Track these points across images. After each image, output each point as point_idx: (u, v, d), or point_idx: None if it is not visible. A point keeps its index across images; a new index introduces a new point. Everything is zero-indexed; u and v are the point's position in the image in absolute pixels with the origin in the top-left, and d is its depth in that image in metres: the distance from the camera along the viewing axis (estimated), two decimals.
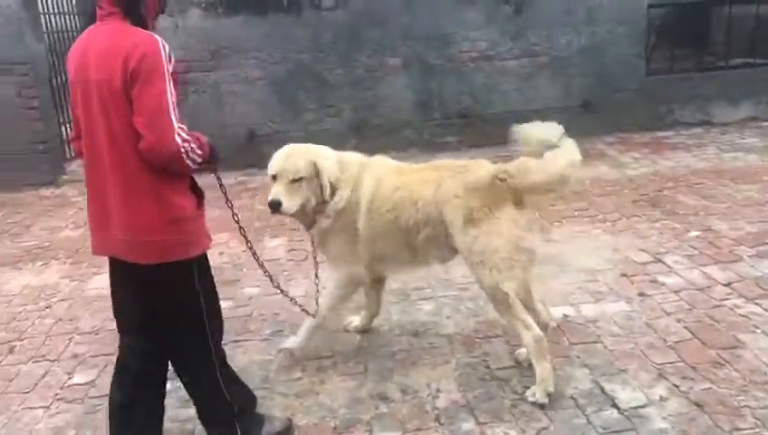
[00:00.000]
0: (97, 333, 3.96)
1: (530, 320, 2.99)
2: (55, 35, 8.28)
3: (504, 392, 3.10)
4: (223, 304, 4.12)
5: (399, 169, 3.41)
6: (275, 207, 3.16)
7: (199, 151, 2.43)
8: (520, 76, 7.67)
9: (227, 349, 3.59)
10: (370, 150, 7.40)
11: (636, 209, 5.38)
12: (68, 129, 8.20)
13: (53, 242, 5.57)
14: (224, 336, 2.82)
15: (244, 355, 3.60)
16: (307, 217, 3.32)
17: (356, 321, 3.79)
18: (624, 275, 4.23)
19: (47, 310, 4.30)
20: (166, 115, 2.32)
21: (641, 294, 3.95)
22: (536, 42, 7.61)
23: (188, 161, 2.39)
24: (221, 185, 2.83)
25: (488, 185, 3.02)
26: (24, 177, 7.05)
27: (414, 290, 4.22)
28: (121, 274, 2.61)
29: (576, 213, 5.37)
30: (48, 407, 3.27)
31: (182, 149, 2.34)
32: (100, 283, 4.49)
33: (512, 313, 2.99)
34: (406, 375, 3.31)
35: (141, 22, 2.44)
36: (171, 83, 2.37)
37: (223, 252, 5.03)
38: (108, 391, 3.26)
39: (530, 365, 3.10)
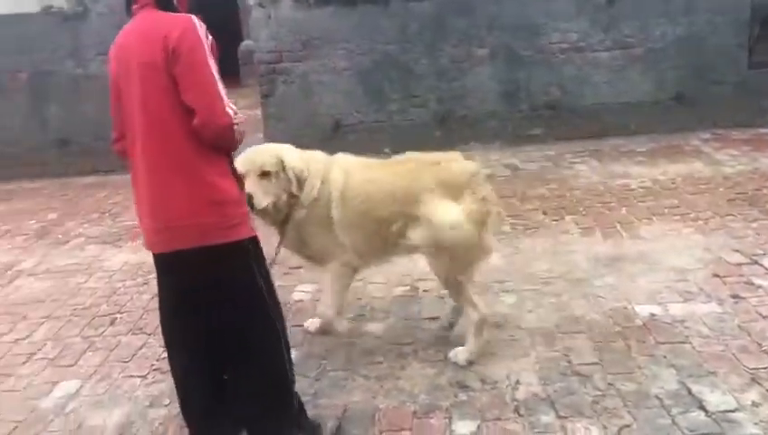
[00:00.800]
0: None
1: (478, 299, 3.38)
2: None
3: (585, 388, 3.06)
4: (305, 287, 4.33)
5: (367, 164, 3.54)
6: (248, 201, 3.03)
7: (242, 129, 2.47)
8: (611, 68, 7.46)
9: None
10: (455, 142, 7.48)
11: (731, 208, 5.15)
12: None
13: None
14: (291, 326, 2.87)
15: (328, 337, 3.69)
16: (280, 213, 3.33)
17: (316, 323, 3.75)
18: (716, 275, 4.07)
19: (144, 286, 4.55)
20: (215, 89, 2.35)
21: (735, 297, 3.80)
22: (629, 33, 7.37)
23: (238, 136, 2.44)
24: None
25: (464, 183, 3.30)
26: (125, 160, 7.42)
27: (495, 282, 4.21)
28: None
29: (666, 211, 5.19)
30: (145, 376, 3.48)
31: (234, 121, 2.38)
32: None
33: (465, 295, 3.35)
34: (485, 365, 3.32)
35: (174, 11, 2.47)
36: (211, 59, 2.39)
37: None
38: None
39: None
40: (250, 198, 3.08)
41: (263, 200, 3.19)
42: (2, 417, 3.23)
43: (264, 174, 3.21)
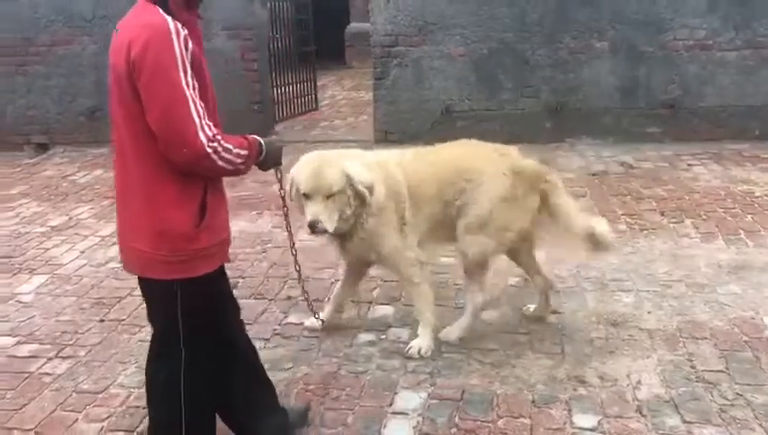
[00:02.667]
0: (307, 280, 4.30)
1: (489, 285, 3.54)
2: (275, 3, 8.93)
3: (711, 395, 2.98)
4: None
5: (415, 153, 3.52)
6: (315, 227, 3.01)
7: (242, 151, 2.20)
8: (740, 69, 7.11)
9: None
10: (566, 134, 7.35)
11: None
12: (279, 91, 8.88)
13: (265, 195, 6.08)
14: (404, 305, 2.82)
15: (442, 319, 3.73)
16: (346, 223, 3.15)
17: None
18: None
19: (263, 254, 4.75)
20: (181, 109, 2.01)
21: None
22: (764, 32, 7.00)
23: (222, 163, 2.11)
24: (281, 186, 2.80)
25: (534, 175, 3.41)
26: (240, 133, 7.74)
27: (612, 281, 4.14)
28: None
29: None
30: (268, 340, 3.64)
31: (208, 149, 2.05)
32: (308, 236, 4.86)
33: (482, 276, 3.47)
34: (604, 363, 3.29)
35: (163, 5, 2.13)
36: (189, 74, 2.04)
37: None
38: (318, 334, 3.60)
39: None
40: (315, 224, 2.97)
41: (331, 224, 3.03)
42: (140, 365, 3.45)
43: (332, 195, 3.04)
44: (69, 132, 8.19)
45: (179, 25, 2.07)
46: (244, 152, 2.22)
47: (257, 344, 3.55)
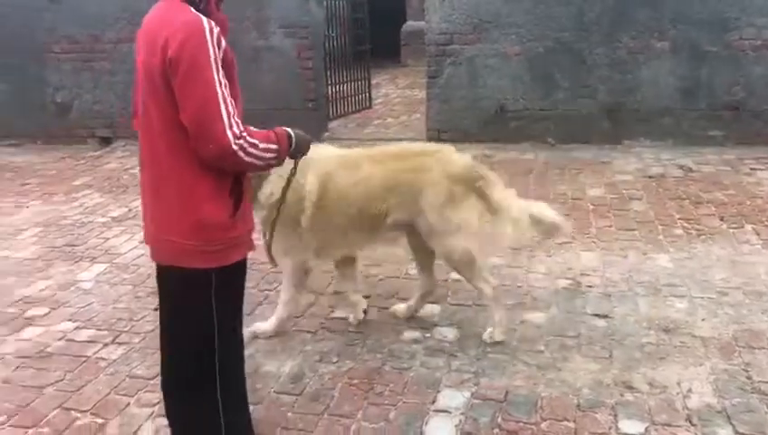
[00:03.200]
0: None
1: (489, 275, 3.57)
2: (332, 2, 9.01)
3: (767, 408, 2.88)
4: None
5: (345, 163, 3.46)
6: None
7: (270, 146, 2.20)
8: None
9: (468, 312, 3.83)
10: (622, 136, 7.20)
11: None
12: (333, 90, 8.97)
13: None
14: (450, 304, 2.82)
15: (488, 319, 3.72)
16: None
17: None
18: None
19: None
20: (213, 108, 2.05)
21: None
22: None
23: (249, 159, 2.13)
24: (292, 173, 2.67)
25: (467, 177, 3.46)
26: None
27: (665, 286, 4.04)
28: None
29: None
30: (315, 333, 3.69)
31: (234, 146, 2.07)
32: None
33: (475, 271, 3.49)
34: (653, 369, 3.21)
35: (197, 7, 2.16)
36: (220, 72, 2.08)
37: None
38: (363, 329, 3.64)
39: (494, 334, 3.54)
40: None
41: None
42: None
43: None
44: (131, 127, 8.43)
45: (212, 23, 2.10)
46: (273, 147, 2.23)
47: (305, 337, 3.65)
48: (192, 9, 2.14)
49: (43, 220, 5.78)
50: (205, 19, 2.10)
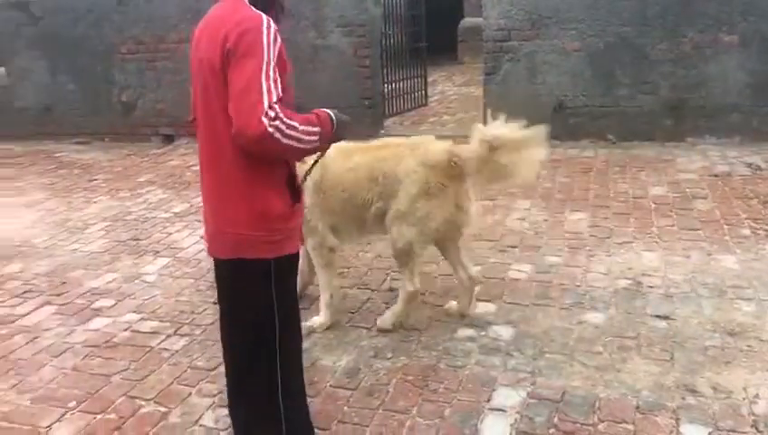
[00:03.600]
0: None
1: (417, 276, 3.64)
2: (388, 0, 9.03)
3: None
4: (522, 267, 4.34)
5: (340, 150, 3.48)
6: None
7: (311, 128, 2.17)
8: None
9: (525, 311, 3.79)
10: (686, 133, 6.98)
11: None
12: (390, 87, 8.99)
13: None
14: (506, 302, 2.78)
15: (545, 319, 3.68)
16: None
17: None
18: None
19: (368, 245, 4.83)
20: (254, 94, 2.04)
21: None
22: None
23: (288, 141, 2.08)
24: (317, 159, 2.54)
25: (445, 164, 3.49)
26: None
27: (731, 287, 3.90)
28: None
29: None
30: (369, 329, 3.72)
31: (269, 129, 2.03)
32: None
33: (410, 265, 3.59)
34: (718, 373, 3.11)
35: (257, 2, 2.23)
36: (272, 66, 2.09)
37: (524, 218, 5.13)
38: (418, 326, 3.65)
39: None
40: None
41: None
42: None
43: None
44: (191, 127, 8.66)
45: (271, 21, 2.17)
46: (314, 129, 2.19)
47: (360, 332, 3.69)
48: (252, 8, 2.20)
49: (110, 215, 6.00)
50: (264, 16, 2.16)
